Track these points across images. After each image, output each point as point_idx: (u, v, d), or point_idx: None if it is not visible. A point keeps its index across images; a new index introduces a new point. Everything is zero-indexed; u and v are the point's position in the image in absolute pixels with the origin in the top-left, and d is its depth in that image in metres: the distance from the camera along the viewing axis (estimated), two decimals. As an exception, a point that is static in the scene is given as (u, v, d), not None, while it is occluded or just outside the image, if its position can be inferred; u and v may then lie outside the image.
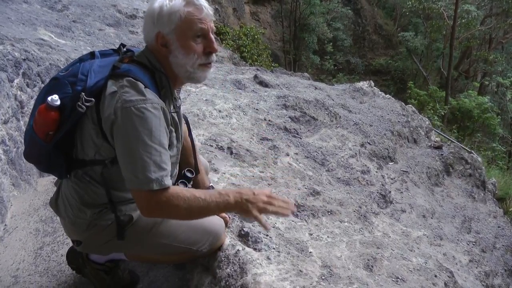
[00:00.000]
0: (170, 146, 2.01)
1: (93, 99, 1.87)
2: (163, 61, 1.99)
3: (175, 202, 1.83)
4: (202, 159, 2.64)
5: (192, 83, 2.14)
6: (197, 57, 1.95)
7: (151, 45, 1.99)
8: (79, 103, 1.87)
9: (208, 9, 1.93)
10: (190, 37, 1.92)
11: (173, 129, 2.05)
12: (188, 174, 2.38)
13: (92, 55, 2.10)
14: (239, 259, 2.25)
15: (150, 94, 1.84)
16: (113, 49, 2.15)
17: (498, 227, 4.65)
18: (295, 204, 2.00)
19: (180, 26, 1.90)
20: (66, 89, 1.93)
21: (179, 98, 2.22)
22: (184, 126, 2.29)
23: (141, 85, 1.84)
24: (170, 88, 2.03)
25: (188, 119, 2.47)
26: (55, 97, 1.88)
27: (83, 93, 1.87)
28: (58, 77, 2.00)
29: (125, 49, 2.09)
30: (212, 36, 1.98)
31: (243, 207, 1.90)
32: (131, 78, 1.85)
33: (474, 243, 4.09)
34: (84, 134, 1.98)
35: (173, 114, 2.06)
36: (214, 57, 2.04)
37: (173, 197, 1.83)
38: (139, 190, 1.82)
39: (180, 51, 1.93)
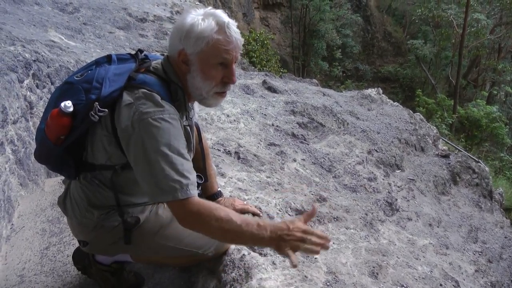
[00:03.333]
0: None
1: (106, 110, 1.86)
2: (181, 75, 1.98)
3: (206, 219, 1.79)
4: (211, 165, 2.64)
5: (202, 105, 2.12)
6: (214, 85, 1.94)
7: (172, 57, 1.98)
8: (92, 112, 1.86)
9: (238, 41, 1.91)
10: (212, 65, 1.90)
11: (185, 140, 2.05)
12: (197, 180, 2.39)
13: (108, 58, 2.09)
14: (244, 263, 2.25)
15: (167, 105, 1.84)
16: (130, 54, 2.14)
17: (505, 237, 4.62)
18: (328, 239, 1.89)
19: (205, 52, 1.87)
20: (79, 95, 1.92)
21: (193, 109, 2.22)
22: (195, 133, 2.29)
23: (157, 97, 1.83)
24: (184, 101, 2.03)
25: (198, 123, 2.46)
26: (68, 103, 1.87)
27: (96, 103, 1.86)
28: (72, 82, 1.99)
29: (143, 55, 2.09)
30: (234, 67, 1.96)
31: (277, 244, 1.80)
32: (146, 90, 1.85)
33: (480, 253, 4.06)
34: (95, 140, 1.98)
35: (185, 126, 2.06)
36: (230, 87, 2.03)
37: (204, 213, 1.79)
38: (168, 201, 1.81)
39: (199, 74, 1.92)
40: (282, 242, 1.78)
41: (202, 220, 1.80)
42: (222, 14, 1.91)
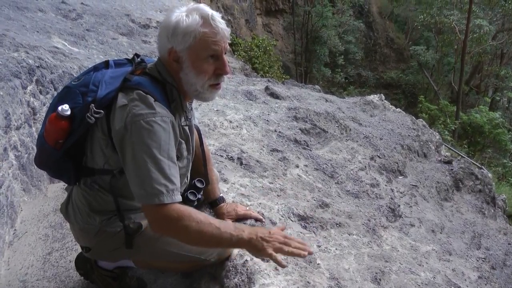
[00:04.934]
0: (180, 157, 2.01)
1: (102, 111, 1.88)
2: (174, 75, 1.99)
3: (186, 222, 1.80)
4: (213, 170, 2.64)
5: (199, 101, 2.14)
6: (208, 78, 1.94)
7: (163, 58, 1.99)
8: (88, 114, 1.88)
9: (224, 31, 1.91)
10: (203, 58, 1.91)
11: (184, 141, 2.05)
12: (198, 184, 2.38)
13: (106, 64, 2.11)
14: (247, 269, 2.25)
15: (160, 108, 1.85)
16: (127, 59, 2.16)
17: (509, 244, 4.60)
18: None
19: (193, 46, 1.89)
20: (77, 99, 1.94)
21: (191, 110, 2.23)
22: (195, 136, 2.29)
23: (151, 99, 1.84)
24: (181, 101, 2.04)
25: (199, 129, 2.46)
26: (66, 106, 1.90)
27: (92, 105, 1.88)
28: (70, 86, 2.01)
29: (139, 59, 2.11)
30: (225, 58, 1.97)
31: (257, 245, 1.86)
32: (141, 91, 1.86)
33: (483, 259, 4.05)
34: (94, 144, 2.00)
35: (184, 127, 2.07)
36: (224, 78, 2.03)
37: (184, 216, 1.80)
38: (148, 204, 1.80)
39: (191, 70, 1.93)
40: (265, 242, 1.85)
41: (181, 224, 1.81)
42: (205, 7, 1.92)
